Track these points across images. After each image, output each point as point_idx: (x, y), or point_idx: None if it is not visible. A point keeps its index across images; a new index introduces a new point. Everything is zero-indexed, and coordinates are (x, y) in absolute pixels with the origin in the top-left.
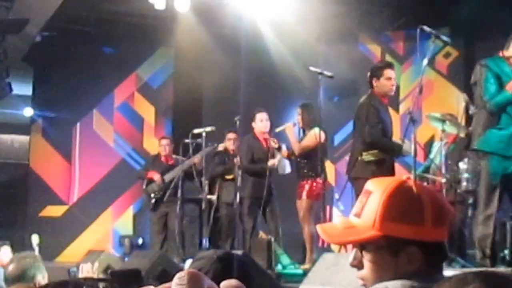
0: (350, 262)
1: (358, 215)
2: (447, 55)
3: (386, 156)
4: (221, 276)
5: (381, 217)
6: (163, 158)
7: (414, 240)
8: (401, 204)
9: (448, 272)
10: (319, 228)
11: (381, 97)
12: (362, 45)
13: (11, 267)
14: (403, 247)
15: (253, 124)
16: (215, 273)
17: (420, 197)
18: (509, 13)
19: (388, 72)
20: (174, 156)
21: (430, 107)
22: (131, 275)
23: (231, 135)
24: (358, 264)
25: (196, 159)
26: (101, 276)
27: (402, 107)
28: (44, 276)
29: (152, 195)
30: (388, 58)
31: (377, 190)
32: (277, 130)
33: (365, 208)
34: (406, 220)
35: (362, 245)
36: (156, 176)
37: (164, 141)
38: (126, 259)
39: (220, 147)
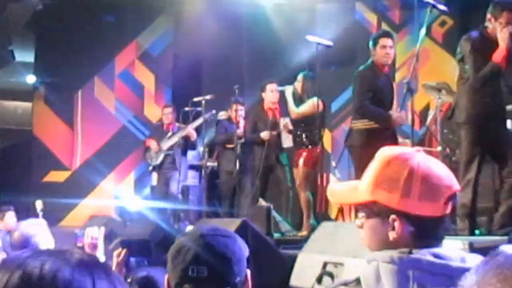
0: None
1: (361, 178)
2: (442, 23)
3: (378, 126)
4: (204, 252)
5: (373, 183)
6: (165, 126)
7: (398, 210)
8: (392, 173)
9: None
10: (330, 186)
11: (380, 66)
12: (358, 13)
13: (16, 234)
14: (388, 214)
15: (263, 95)
16: (197, 250)
17: (413, 169)
18: None
19: (383, 41)
20: (177, 124)
21: (425, 75)
22: (140, 245)
23: (236, 106)
24: (360, 225)
25: (190, 128)
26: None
27: (398, 76)
28: (50, 242)
29: (149, 161)
30: (384, 26)
31: (378, 157)
32: (279, 88)
33: (365, 173)
34: (393, 189)
35: (358, 208)
36: (152, 144)
37: (167, 110)
38: (128, 223)
39: (223, 115)
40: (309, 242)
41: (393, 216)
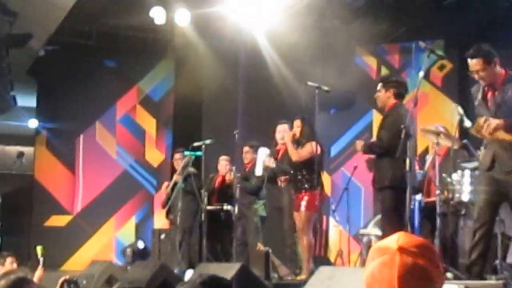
0: None
1: None
2: (441, 67)
3: None
4: None
5: None
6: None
7: None
8: None
9: None
10: None
11: None
12: (358, 57)
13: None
14: None
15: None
16: None
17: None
18: (501, 26)
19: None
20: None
21: (424, 119)
22: None
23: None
24: None
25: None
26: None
27: None
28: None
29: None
30: (384, 70)
31: None
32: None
33: None
34: None
35: None
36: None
37: (177, 155)
38: (129, 268)
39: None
40: (306, 286)
41: None
